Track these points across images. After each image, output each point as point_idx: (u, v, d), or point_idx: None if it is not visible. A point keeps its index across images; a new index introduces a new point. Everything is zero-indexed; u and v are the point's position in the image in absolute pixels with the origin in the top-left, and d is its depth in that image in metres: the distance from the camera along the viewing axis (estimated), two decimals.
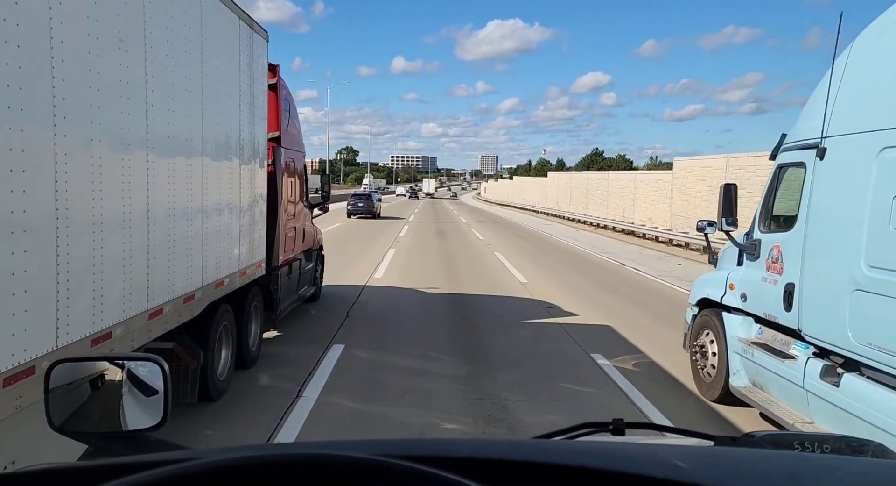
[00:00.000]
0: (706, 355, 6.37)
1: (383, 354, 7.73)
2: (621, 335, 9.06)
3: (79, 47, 3.16)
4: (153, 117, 4.07)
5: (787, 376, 4.99)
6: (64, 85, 3.01)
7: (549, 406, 5.97)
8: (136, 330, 3.98)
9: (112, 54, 3.53)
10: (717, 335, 6.23)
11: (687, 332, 6.95)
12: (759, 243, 5.69)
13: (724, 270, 6.46)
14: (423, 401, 5.98)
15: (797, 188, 5.22)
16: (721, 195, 6.04)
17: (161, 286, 4.34)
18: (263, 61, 6.88)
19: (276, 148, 7.92)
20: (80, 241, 3.24)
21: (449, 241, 23.77)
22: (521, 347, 8.23)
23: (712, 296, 6.42)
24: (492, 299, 11.76)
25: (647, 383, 6.75)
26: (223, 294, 5.82)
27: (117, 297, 3.70)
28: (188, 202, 4.80)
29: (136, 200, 3.88)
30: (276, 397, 6.03)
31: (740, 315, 5.95)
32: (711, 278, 6.67)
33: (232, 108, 5.78)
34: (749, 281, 5.79)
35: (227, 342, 6.29)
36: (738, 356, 5.80)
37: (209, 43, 5.07)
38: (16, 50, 2.65)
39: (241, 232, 6.29)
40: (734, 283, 6.05)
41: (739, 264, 6.11)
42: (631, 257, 19.80)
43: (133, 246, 3.87)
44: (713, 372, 6.22)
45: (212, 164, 5.27)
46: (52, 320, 3.01)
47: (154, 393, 1.50)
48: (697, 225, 6.80)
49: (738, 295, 5.96)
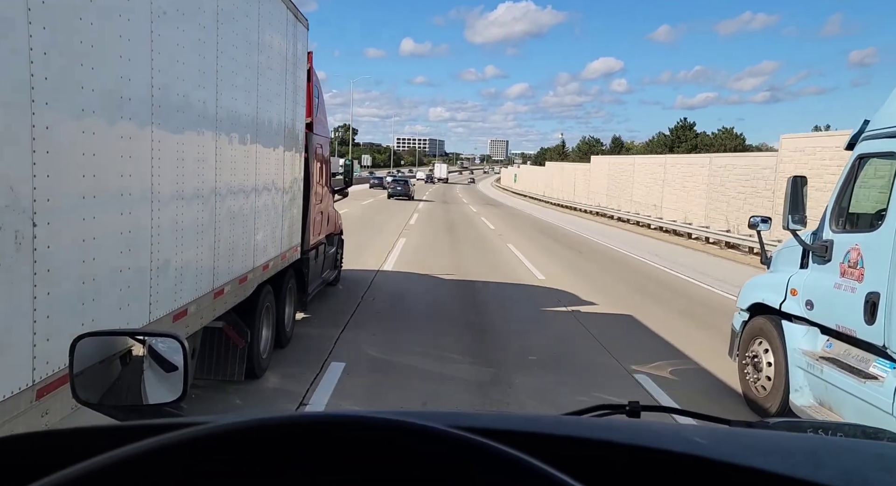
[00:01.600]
0: (759, 366, 5.77)
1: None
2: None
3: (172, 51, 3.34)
4: (222, 105, 4.24)
5: (868, 399, 4.40)
6: (161, 86, 3.19)
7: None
8: (205, 308, 4.19)
9: (192, 54, 3.71)
10: (773, 346, 5.62)
11: (736, 339, 6.29)
12: (830, 243, 5.06)
13: (781, 272, 5.85)
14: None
15: (885, 183, 4.65)
16: (788, 188, 5.37)
17: (223, 268, 4.53)
18: (304, 49, 7.03)
19: (308, 133, 8.09)
20: (166, 215, 3.43)
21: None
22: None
23: (768, 301, 5.79)
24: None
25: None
26: (268, 277, 6.03)
27: (192, 277, 3.89)
28: (244, 186, 4.99)
29: (206, 179, 4.07)
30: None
31: (803, 325, 5.35)
32: (766, 281, 6.08)
33: (279, 95, 5.96)
34: (817, 287, 5.17)
35: (268, 323, 6.50)
36: (801, 371, 5.19)
37: (264, 32, 5.23)
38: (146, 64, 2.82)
39: (283, 216, 6.48)
40: (797, 288, 5.44)
41: (803, 267, 5.51)
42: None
43: (204, 224, 4.06)
44: (768, 386, 5.62)
45: (262, 148, 5.45)
46: (146, 297, 3.22)
47: (174, 369, 1.51)
48: (750, 221, 6.17)
49: (801, 302, 5.35)
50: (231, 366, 5.59)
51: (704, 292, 12.31)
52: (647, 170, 29.60)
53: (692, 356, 7.46)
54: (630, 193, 31.06)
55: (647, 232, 25.63)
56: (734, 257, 18.48)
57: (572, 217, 33.37)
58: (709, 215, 23.18)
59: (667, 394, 6.04)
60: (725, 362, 6.65)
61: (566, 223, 28.54)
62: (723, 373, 6.76)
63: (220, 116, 4.22)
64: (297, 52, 6.66)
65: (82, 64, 2.51)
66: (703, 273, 14.63)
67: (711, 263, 17.22)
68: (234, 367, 5.65)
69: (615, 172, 33.64)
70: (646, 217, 27.60)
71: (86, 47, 2.52)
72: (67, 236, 2.48)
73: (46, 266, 2.33)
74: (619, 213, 30.93)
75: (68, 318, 2.49)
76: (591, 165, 38.96)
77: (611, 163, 35.55)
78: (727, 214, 21.93)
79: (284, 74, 6.14)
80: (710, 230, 21.69)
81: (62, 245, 2.43)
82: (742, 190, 21.32)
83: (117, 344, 1.66)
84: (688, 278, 13.86)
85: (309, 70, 8.06)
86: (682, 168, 26.21)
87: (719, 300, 11.16)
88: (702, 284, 13.14)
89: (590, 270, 14.46)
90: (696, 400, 5.97)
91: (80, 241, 2.57)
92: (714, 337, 8.22)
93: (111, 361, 1.62)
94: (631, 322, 9.21)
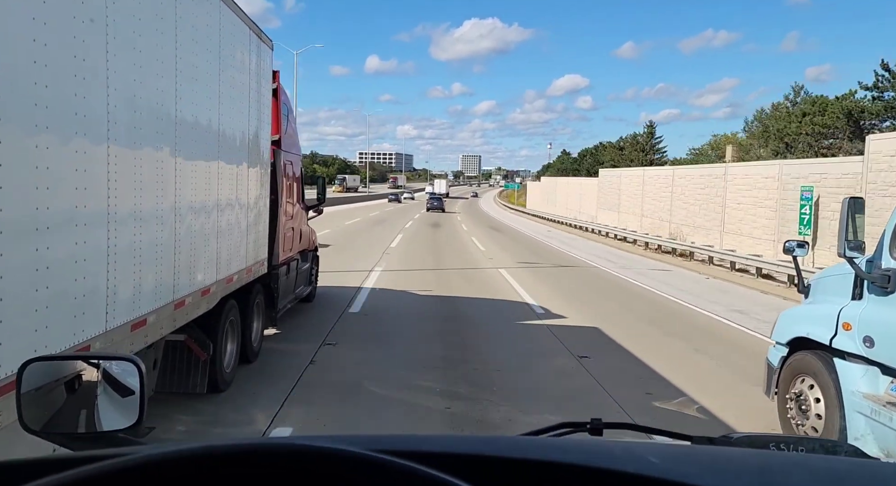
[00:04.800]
0: (805, 409, 5.23)
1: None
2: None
3: (127, 72, 3.49)
4: (181, 123, 4.39)
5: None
6: (117, 102, 3.34)
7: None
8: (165, 319, 4.29)
9: (152, 70, 3.86)
10: (823, 386, 5.08)
11: (774, 376, 5.69)
12: (893, 273, 4.63)
13: (825, 303, 5.34)
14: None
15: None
16: (845, 210, 4.92)
17: (184, 280, 4.65)
18: (268, 68, 7.22)
19: (276, 150, 8.24)
20: (125, 232, 3.56)
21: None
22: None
23: (814, 336, 5.25)
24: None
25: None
26: (232, 290, 6.13)
27: (151, 287, 4.01)
28: (206, 201, 5.12)
29: (166, 196, 4.20)
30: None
31: (861, 364, 4.82)
32: (809, 313, 5.55)
33: (242, 112, 6.11)
34: (878, 322, 4.70)
35: (232, 337, 6.59)
36: (862, 417, 4.67)
37: (225, 52, 5.41)
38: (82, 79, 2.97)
39: (248, 230, 6.61)
40: (850, 322, 4.93)
41: (856, 298, 5.02)
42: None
43: (164, 239, 4.18)
44: (820, 427, 5.06)
45: (225, 164, 5.59)
46: (102, 305, 3.33)
47: (130, 393, 1.45)
48: (785, 246, 5.76)
49: (858, 338, 4.85)
50: (193, 379, 5.67)
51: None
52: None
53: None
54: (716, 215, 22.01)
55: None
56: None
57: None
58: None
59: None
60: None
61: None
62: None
63: (179, 133, 4.37)
64: (262, 71, 6.84)
65: (35, 82, 2.65)
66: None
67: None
68: (197, 379, 5.72)
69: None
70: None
71: (39, 66, 2.67)
72: (20, 246, 2.60)
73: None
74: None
75: (21, 324, 2.61)
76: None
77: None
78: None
79: (248, 93, 6.30)
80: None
81: (14, 254, 2.55)
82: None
83: (69, 368, 1.59)
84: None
85: (276, 89, 8.24)
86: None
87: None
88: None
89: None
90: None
91: (33, 250, 2.69)
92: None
93: (63, 388, 1.55)
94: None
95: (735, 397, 6.56)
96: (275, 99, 8.23)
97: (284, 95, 8.92)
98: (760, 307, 12.18)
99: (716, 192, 22.13)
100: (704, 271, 18.22)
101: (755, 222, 19.57)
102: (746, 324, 10.47)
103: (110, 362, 1.57)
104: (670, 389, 6.74)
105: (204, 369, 5.75)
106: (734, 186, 21.00)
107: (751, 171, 20.70)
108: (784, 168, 18.63)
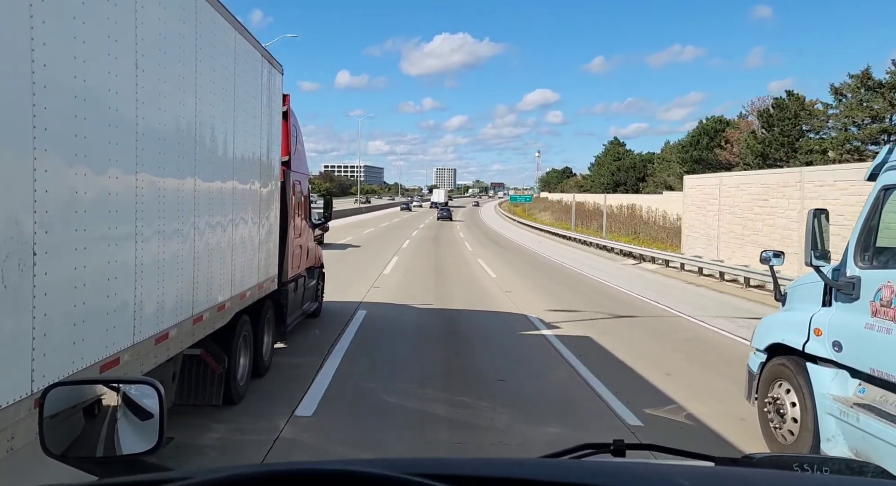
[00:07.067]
0: (782, 412, 5.39)
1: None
2: None
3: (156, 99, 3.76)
4: (200, 145, 4.65)
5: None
6: (145, 130, 3.60)
7: None
8: (184, 333, 4.52)
9: (175, 99, 4.13)
10: (798, 391, 5.23)
11: (753, 382, 5.86)
12: (857, 280, 4.78)
13: (799, 310, 5.49)
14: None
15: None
16: (811, 221, 5.07)
17: (202, 296, 4.88)
18: (279, 92, 7.51)
19: (286, 170, 8.51)
20: (150, 250, 3.80)
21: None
22: None
23: (789, 342, 5.42)
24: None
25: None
26: (246, 306, 6.36)
27: (173, 303, 4.24)
28: (222, 219, 5.37)
29: (186, 215, 4.45)
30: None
31: (831, 367, 4.99)
32: (785, 320, 5.69)
33: (255, 135, 6.39)
34: (845, 327, 4.86)
35: (245, 351, 6.80)
36: (832, 419, 4.83)
37: (240, 80, 5.69)
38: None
39: (260, 248, 6.85)
40: (821, 327, 5.09)
41: (826, 305, 5.19)
42: None
43: (184, 257, 4.43)
44: (796, 431, 5.22)
45: (239, 184, 5.85)
46: (130, 320, 3.56)
47: (149, 416, 1.46)
48: (761, 256, 5.91)
49: (827, 343, 5.01)
50: (209, 391, 5.88)
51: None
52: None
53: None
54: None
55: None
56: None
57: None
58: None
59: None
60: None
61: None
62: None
63: (198, 156, 4.63)
64: (272, 95, 7.13)
65: (76, 115, 2.91)
66: None
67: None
68: (213, 392, 5.94)
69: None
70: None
71: (79, 101, 2.93)
72: (62, 265, 2.84)
73: (44, 290, 2.69)
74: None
75: (62, 337, 2.84)
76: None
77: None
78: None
79: (260, 116, 6.58)
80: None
81: (57, 272, 2.79)
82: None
83: (89, 392, 1.59)
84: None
85: (286, 111, 8.54)
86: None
87: None
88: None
89: None
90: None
91: (72, 269, 2.93)
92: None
93: (82, 413, 1.55)
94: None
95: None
96: (285, 121, 8.52)
97: (294, 117, 9.22)
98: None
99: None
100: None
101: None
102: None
103: (130, 386, 1.58)
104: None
105: (220, 382, 5.96)
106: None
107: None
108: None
